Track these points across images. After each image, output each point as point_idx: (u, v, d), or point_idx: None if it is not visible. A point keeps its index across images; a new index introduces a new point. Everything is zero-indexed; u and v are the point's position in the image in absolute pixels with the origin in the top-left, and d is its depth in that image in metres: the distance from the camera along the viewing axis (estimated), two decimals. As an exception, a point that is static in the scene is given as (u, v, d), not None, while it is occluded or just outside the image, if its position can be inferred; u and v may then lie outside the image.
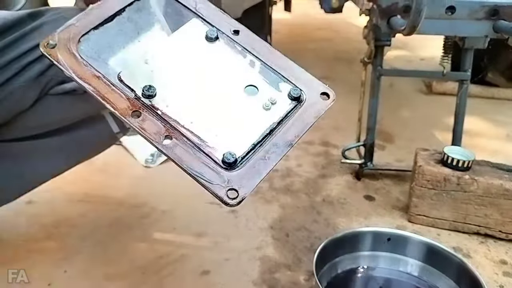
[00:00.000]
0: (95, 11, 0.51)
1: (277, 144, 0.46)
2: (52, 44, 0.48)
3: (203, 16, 0.52)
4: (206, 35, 0.50)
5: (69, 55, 0.48)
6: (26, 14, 0.73)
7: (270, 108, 0.48)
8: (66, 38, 0.49)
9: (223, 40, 0.50)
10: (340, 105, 1.89)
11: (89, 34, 0.50)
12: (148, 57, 0.48)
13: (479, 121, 1.72)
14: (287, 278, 0.90)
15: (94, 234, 1.01)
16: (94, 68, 0.48)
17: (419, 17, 0.84)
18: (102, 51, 0.50)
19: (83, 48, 0.49)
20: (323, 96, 0.49)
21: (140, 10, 0.53)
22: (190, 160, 0.44)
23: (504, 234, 1.02)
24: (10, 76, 0.70)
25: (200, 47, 0.50)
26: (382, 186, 1.25)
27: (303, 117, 0.48)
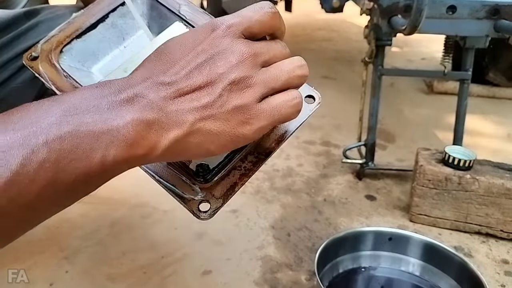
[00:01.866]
0: (78, 19, 0.50)
1: (255, 153, 0.43)
2: (34, 55, 0.47)
3: (186, 19, 0.50)
4: None
5: (50, 66, 0.47)
6: (22, 13, 0.73)
7: None
8: (48, 49, 0.48)
9: None
10: (341, 105, 1.91)
11: (72, 44, 0.49)
12: (127, 64, 0.47)
13: (480, 120, 1.72)
14: (288, 277, 0.90)
15: (96, 234, 1.01)
16: (74, 79, 0.46)
17: (420, 16, 0.84)
18: (86, 60, 0.49)
19: (66, 58, 0.48)
20: (307, 99, 0.44)
21: (125, 15, 0.51)
22: (162, 172, 0.42)
23: (505, 233, 1.02)
24: (7, 76, 0.70)
25: None
26: (383, 185, 1.25)
27: (284, 124, 0.44)
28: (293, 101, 0.37)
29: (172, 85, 0.35)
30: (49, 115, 0.31)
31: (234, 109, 0.35)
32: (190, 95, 0.35)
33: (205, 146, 0.35)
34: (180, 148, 0.35)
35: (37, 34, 0.71)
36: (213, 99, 0.35)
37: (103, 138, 0.31)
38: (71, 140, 0.31)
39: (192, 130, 0.34)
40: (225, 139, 0.35)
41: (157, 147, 0.34)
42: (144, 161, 0.35)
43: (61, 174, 0.30)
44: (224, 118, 0.35)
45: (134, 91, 0.34)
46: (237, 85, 0.35)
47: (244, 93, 0.35)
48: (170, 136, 0.34)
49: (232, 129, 0.35)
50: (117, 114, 0.33)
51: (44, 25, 0.71)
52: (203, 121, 0.35)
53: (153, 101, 0.34)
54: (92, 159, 0.31)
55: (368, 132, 1.25)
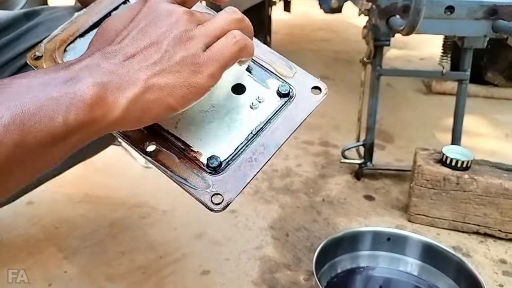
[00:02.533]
0: (80, 18, 0.50)
1: (265, 145, 0.44)
2: (38, 55, 0.48)
3: None
4: None
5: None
6: (22, 13, 0.72)
7: (257, 107, 0.45)
8: (52, 49, 0.48)
9: None
10: (339, 105, 1.91)
11: (75, 43, 0.49)
12: None
13: (478, 120, 1.72)
14: (287, 277, 0.90)
15: (94, 235, 1.01)
16: None
17: (418, 17, 0.85)
18: None
19: (70, 56, 0.48)
20: (314, 91, 0.46)
21: None
22: (173, 166, 0.43)
23: (503, 233, 1.02)
24: (7, 77, 0.70)
25: None
26: (382, 185, 1.25)
27: (292, 115, 0.45)
28: (233, 40, 0.39)
29: (119, 51, 0.38)
30: (10, 87, 0.34)
31: (181, 60, 0.38)
32: (138, 56, 0.37)
33: (164, 101, 0.37)
34: (140, 108, 0.36)
35: (36, 35, 0.71)
36: (161, 55, 0.37)
37: (62, 101, 0.33)
38: (32, 104, 0.33)
39: (147, 86, 0.36)
40: (181, 91, 0.38)
41: (115, 106, 0.35)
42: (107, 124, 0.36)
43: (27, 135, 0.32)
44: (174, 70, 0.37)
45: (85, 63, 0.36)
46: (179, 39, 0.38)
47: (187, 44, 0.38)
48: (126, 95, 0.36)
49: (185, 79, 0.37)
50: (73, 81, 0.35)
51: (44, 26, 0.71)
52: (155, 76, 0.37)
53: (104, 67, 0.36)
54: (54, 120, 0.33)
55: (366, 132, 1.25)
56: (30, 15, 0.73)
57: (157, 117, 0.38)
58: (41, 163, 0.35)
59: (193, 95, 0.38)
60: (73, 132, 0.34)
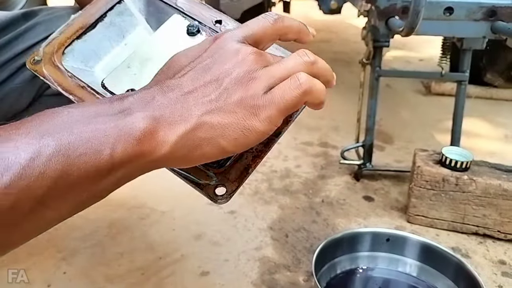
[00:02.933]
0: (77, 20, 0.50)
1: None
2: (37, 59, 0.48)
3: (184, 11, 0.50)
4: (187, 30, 0.49)
5: (54, 68, 0.47)
6: (20, 14, 0.73)
7: None
8: (51, 52, 0.48)
9: (206, 32, 0.49)
10: (339, 106, 1.91)
11: (73, 45, 0.49)
12: (130, 60, 0.47)
13: (477, 121, 1.72)
14: (286, 278, 0.90)
15: (94, 235, 1.01)
16: (78, 78, 0.47)
17: (417, 18, 0.85)
18: (88, 60, 0.50)
19: (68, 59, 0.49)
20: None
21: (122, 13, 0.52)
22: None
23: (502, 234, 1.02)
24: (5, 77, 0.70)
25: (182, 42, 0.48)
26: (381, 186, 1.25)
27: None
28: (295, 82, 0.36)
29: (178, 86, 0.36)
30: (61, 117, 0.32)
31: (239, 101, 0.35)
32: (196, 92, 0.36)
33: (216, 141, 0.35)
34: (190, 145, 0.35)
35: (35, 35, 0.71)
36: (219, 93, 0.36)
37: (111, 133, 0.32)
38: (80, 135, 0.31)
39: (199, 123, 0.35)
40: (235, 132, 0.35)
41: (165, 141, 0.34)
42: (154, 160, 0.35)
43: (70, 167, 0.31)
44: (230, 110, 0.35)
45: (141, 95, 0.35)
46: (241, 79, 0.36)
47: (249, 85, 0.36)
48: (177, 130, 0.34)
49: (240, 120, 0.35)
50: (125, 113, 0.34)
51: (42, 26, 0.72)
52: (209, 114, 0.35)
53: (160, 101, 0.35)
54: (101, 153, 0.32)
55: (366, 133, 1.25)
56: (28, 16, 0.73)
57: (207, 157, 0.36)
58: (84, 197, 0.33)
59: (247, 138, 0.36)
60: (119, 166, 0.33)
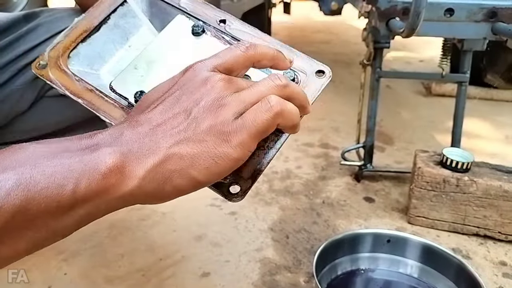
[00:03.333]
0: (81, 23, 0.50)
1: (276, 132, 0.43)
2: (43, 64, 0.48)
3: (188, 11, 0.50)
4: (192, 30, 0.48)
5: (60, 72, 0.47)
6: (22, 15, 0.73)
7: None
8: (56, 56, 0.48)
9: (210, 32, 0.48)
10: (339, 107, 1.91)
11: (78, 48, 0.49)
12: (136, 62, 0.47)
13: (478, 122, 1.72)
14: (287, 280, 0.90)
15: (94, 237, 1.01)
16: (86, 82, 0.47)
17: (417, 19, 0.85)
18: (94, 63, 0.50)
19: (74, 62, 0.49)
20: (318, 74, 0.46)
21: (125, 15, 0.52)
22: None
23: (503, 235, 1.02)
24: (7, 79, 0.70)
25: (187, 43, 0.48)
26: (382, 187, 1.25)
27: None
28: (266, 105, 0.35)
29: (147, 120, 0.35)
30: (24, 153, 0.32)
31: (209, 129, 0.34)
32: (165, 124, 0.35)
33: (187, 172, 0.34)
34: (159, 178, 0.34)
35: (36, 36, 0.71)
36: (187, 124, 0.35)
37: (75, 168, 0.31)
38: (43, 169, 0.31)
39: (167, 155, 0.34)
40: (205, 161, 0.34)
41: (132, 176, 0.33)
42: (121, 196, 0.34)
43: (30, 202, 0.30)
44: (200, 139, 0.34)
45: (110, 132, 0.35)
46: (210, 106, 0.35)
47: (218, 112, 0.35)
48: (145, 164, 0.33)
49: (211, 149, 0.34)
50: (91, 148, 0.33)
51: (44, 28, 0.72)
52: (178, 145, 0.34)
53: (128, 136, 0.34)
54: (63, 188, 0.31)
55: (366, 134, 1.25)
56: (29, 17, 0.73)
57: (179, 190, 0.35)
58: (42, 234, 0.33)
59: (219, 167, 0.35)
60: (82, 202, 0.32)
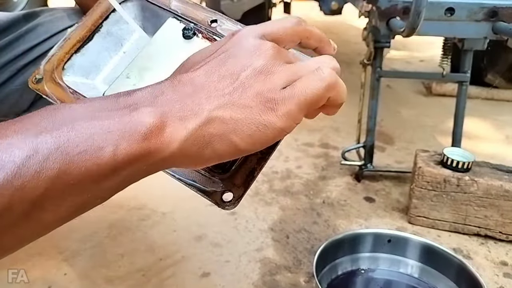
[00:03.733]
0: (73, 34, 0.50)
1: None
2: (38, 78, 0.47)
3: (178, 14, 0.49)
4: (183, 33, 0.47)
5: (55, 85, 0.47)
6: (21, 15, 0.73)
7: None
8: (51, 69, 0.48)
9: (201, 34, 0.48)
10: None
11: (72, 59, 0.49)
12: (129, 70, 0.47)
13: (478, 122, 1.72)
14: (287, 280, 0.90)
15: (94, 237, 1.01)
16: (80, 94, 0.46)
17: (418, 18, 0.84)
18: (89, 72, 0.49)
19: (69, 74, 0.48)
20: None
21: (118, 21, 0.51)
22: (180, 170, 0.42)
23: (504, 235, 1.02)
24: (6, 78, 0.70)
25: (179, 47, 0.47)
26: (382, 187, 1.25)
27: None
28: (320, 75, 0.33)
29: (190, 80, 0.33)
30: (60, 114, 0.30)
31: (256, 95, 0.33)
32: (210, 86, 0.33)
33: (228, 137, 0.32)
34: (200, 141, 0.32)
35: (35, 36, 0.70)
36: (233, 88, 0.33)
37: (115, 130, 0.30)
38: (81, 131, 0.29)
39: (210, 118, 0.32)
40: (249, 128, 0.32)
41: (173, 138, 0.31)
42: (162, 158, 0.32)
43: (70, 166, 0.28)
44: (245, 104, 0.32)
45: (150, 89, 0.33)
46: (259, 72, 0.33)
47: (267, 79, 0.33)
48: (187, 126, 0.31)
49: (256, 115, 0.32)
50: (131, 108, 0.31)
51: (43, 28, 0.71)
52: (221, 109, 0.32)
53: (169, 96, 0.32)
54: (103, 151, 0.29)
55: (366, 134, 1.25)
56: (29, 17, 0.73)
57: (219, 155, 0.33)
58: (84, 199, 0.31)
59: (262, 135, 0.33)
60: (123, 165, 0.30)
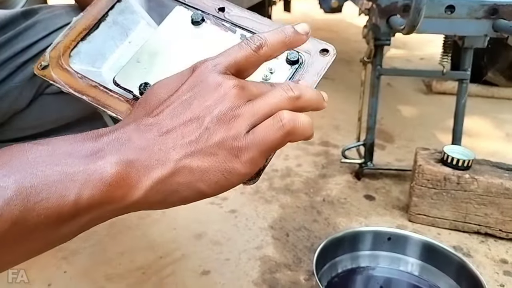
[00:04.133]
0: (79, 22, 0.51)
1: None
2: (44, 65, 0.48)
3: (185, 2, 0.50)
4: (191, 19, 0.48)
5: (63, 71, 0.47)
6: (20, 12, 0.73)
7: (270, 79, 0.46)
8: (57, 56, 0.48)
9: (210, 21, 0.48)
10: (340, 105, 1.91)
11: (78, 47, 0.49)
12: (139, 55, 0.47)
13: (479, 120, 1.72)
14: (287, 278, 0.90)
15: (94, 235, 1.01)
16: (89, 78, 0.47)
17: (418, 16, 0.84)
18: (95, 60, 0.50)
19: (75, 61, 0.49)
20: (322, 53, 0.47)
21: (123, 11, 0.52)
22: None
23: (504, 233, 1.02)
24: (5, 76, 0.70)
25: (188, 33, 0.48)
26: (382, 185, 1.25)
27: (305, 79, 0.45)
28: (278, 123, 0.34)
29: (156, 124, 0.34)
30: (25, 157, 0.30)
31: (221, 142, 0.33)
32: (175, 131, 0.33)
33: (195, 185, 0.33)
34: (166, 190, 0.33)
35: (34, 33, 0.70)
36: (199, 134, 0.33)
37: (79, 177, 0.30)
38: (44, 178, 0.29)
39: (177, 168, 0.33)
40: (215, 176, 0.34)
41: (138, 187, 0.32)
42: (126, 206, 0.32)
43: (29, 213, 0.28)
44: (211, 152, 0.33)
45: (116, 135, 0.33)
46: (223, 117, 0.34)
47: (231, 124, 0.34)
48: (153, 175, 0.32)
49: (222, 163, 0.33)
50: (97, 155, 0.31)
51: (42, 24, 0.71)
52: (188, 158, 0.33)
53: (136, 142, 0.33)
54: (65, 198, 0.29)
55: (367, 132, 1.25)
56: (28, 14, 0.73)
57: (185, 201, 0.35)
58: (41, 242, 0.31)
59: (228, 181, 0.34)
60: (84, 212, 0.30)
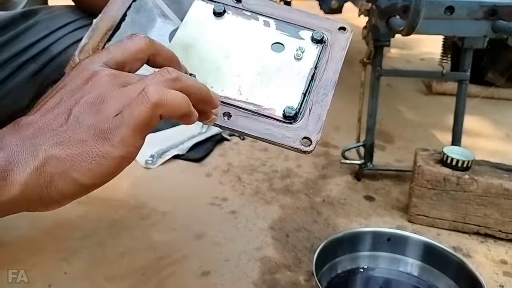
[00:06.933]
0: (100, 24, 0.51)
1: (322, 85, 0.49)
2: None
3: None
4: (214, 11, 0.51)
5: None
6: (19, 13, 0.73)
7: (301, 57, 0.50)
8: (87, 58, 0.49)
9: (231, 11, 0.52)
10: (340, 106, 1.91)
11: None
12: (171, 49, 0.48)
13: (478, 121, 1.72)
14: (287, 278, 0.90)
15: (94, 235, 1.01)
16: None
17: (417, 17, 0.84)
18: None
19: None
20: (341, 31, 0.52)
21: (139, 10, 0.53)
22: (256, 127, 0.46)
23: (504, 234, 1.02)
24: (5, 76, 0.70)
25: (212, 25, 0.51)
26: (382, 186, 1.25)
27: (332, 54, 0.51)
28: (143, 98, 0.33)
29: (31, 123, 0.34)
30: None
31: (89, 128, 0.33)
32: (47, 126, 0.33)
33: (68, 175, 0.33)
34: (41, 183, 0.32)
35: (35, 33, 0.71)
36: (67, 124, 0.33)
37: None
38: None
39: (46, 158, 0.32)
40: (87, 162, 0.33)
41: (13, 182, 0.31)
42: (3, 203, 0.32)
43: None
44: (79, 139, 0.33)
45: None
46: (91, 104, 0.33)
47: (99, 109, 0.33)
48: (26, 169, 0.32)
49: (92, 148, 0.33)
50: None
51: (42, 25, 0.72)
52: (56, 146, 0.32)
53: (9, 140, 0.33)
54: None
55: (366, 133, 1.25)
56: (28, 15, 0.73)
57: (65, 194, 0.33)
58: None
59: (103, 167, 0.33)
60: None
